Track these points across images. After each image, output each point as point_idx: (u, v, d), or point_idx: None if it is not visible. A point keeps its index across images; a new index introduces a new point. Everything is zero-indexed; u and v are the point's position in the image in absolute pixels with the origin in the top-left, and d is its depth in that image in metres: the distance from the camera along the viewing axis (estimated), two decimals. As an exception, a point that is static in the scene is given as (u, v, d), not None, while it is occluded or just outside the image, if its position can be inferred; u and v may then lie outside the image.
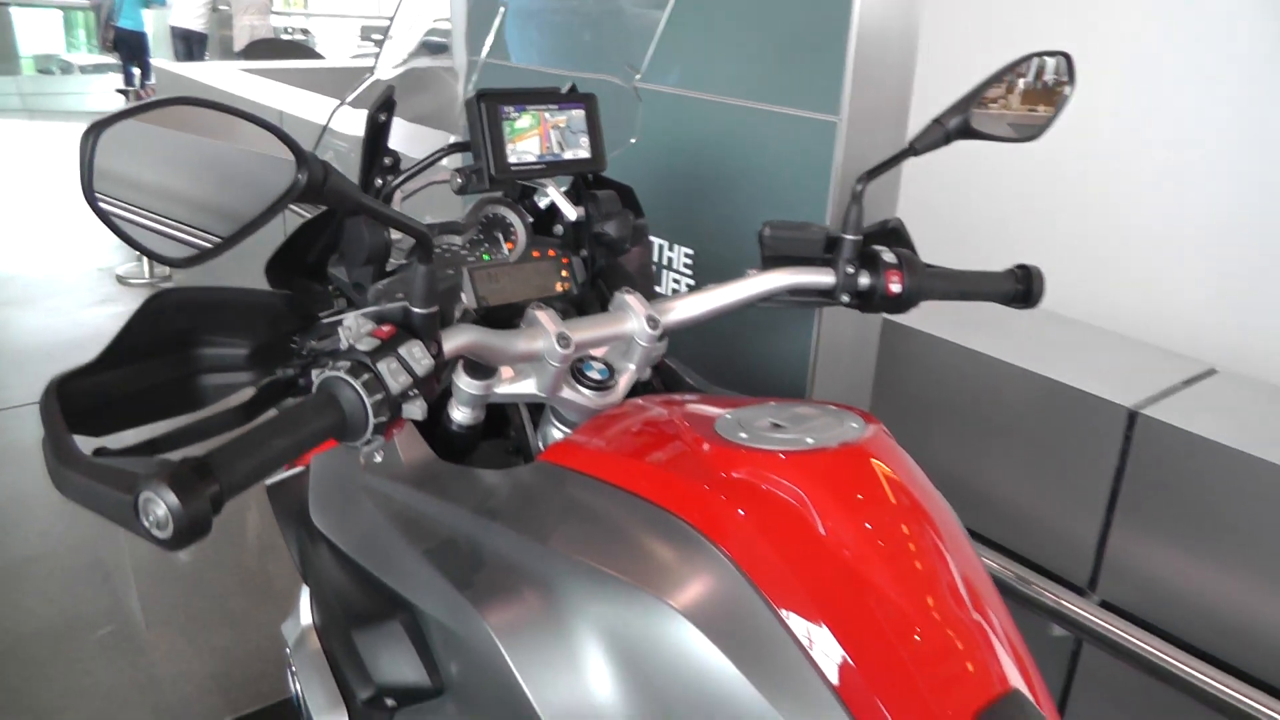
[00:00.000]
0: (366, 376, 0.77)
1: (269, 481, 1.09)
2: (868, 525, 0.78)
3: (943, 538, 0.81)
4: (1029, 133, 1.19)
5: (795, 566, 0.75)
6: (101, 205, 0.71)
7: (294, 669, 0.99)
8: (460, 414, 0.99)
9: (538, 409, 1.10)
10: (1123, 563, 1.57)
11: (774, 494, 0.79)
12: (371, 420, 0.76)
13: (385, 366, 0.78)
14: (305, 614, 1.02)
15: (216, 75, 4.30)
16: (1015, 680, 0.76)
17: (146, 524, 0.63)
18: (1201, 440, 1.46)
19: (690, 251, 1.68)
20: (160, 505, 0.61)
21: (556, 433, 1.04)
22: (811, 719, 0.69)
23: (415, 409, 0.80)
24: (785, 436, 0.84)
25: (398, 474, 0.97)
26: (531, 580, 0.81)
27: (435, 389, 0.83)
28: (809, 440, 0.83)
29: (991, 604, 0.81)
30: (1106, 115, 2.04)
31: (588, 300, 1.19)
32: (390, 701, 0.91)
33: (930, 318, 1.79)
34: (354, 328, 0.82)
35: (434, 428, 1.02)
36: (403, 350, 0.80)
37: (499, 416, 1.12)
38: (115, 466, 0.65)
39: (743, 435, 0.84)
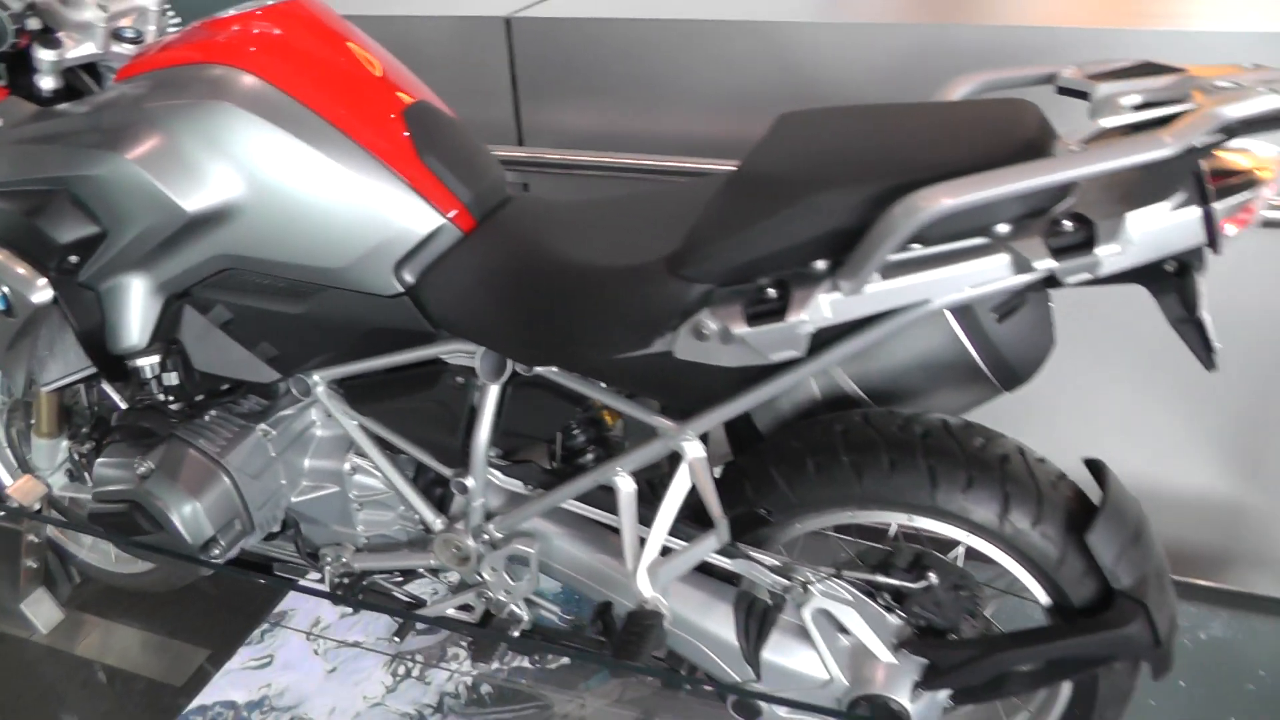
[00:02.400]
0: None
1: None
2: (330, 36, 1.41)
3: (370, 47, 1.47)
4: None
5: (294, 66, 1.37)
6: None
7: None
8: (46, 81, 1.46)
9: (97, 79, 1.59)
10: (535, 123, 2.36)
11: (264, 33, 1.39)
12: (10, 28, 1.25)
13: None
14: None
15: None
16: (421, 98, 1.45)
17: None
18: (560, 20, 2.22)
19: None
20: None
21: None
22: (321, 140, 1.33)
23: (34, 22, 1.29)
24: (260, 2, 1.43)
25: (18, 122, 1.43)
26: (143, 125, 1.35)
27: (44, 20, 1.33)
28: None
29: (404, 76, 1.48)
30: None
31: None
32: (73, 258, 1.41)
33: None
34: None
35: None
36: None
37: (74, 94, 1.58)
38: None
39: (233, 11, 1.42)
